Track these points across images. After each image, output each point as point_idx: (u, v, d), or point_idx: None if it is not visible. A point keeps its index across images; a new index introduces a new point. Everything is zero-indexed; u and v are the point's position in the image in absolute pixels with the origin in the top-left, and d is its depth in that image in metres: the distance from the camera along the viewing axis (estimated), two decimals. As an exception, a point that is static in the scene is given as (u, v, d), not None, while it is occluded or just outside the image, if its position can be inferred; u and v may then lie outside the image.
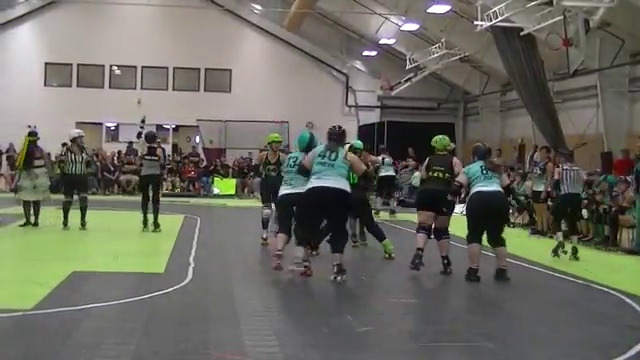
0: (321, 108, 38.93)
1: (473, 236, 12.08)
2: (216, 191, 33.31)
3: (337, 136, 12.02)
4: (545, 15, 21.28)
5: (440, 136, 13.36)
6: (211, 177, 34.48)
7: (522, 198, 21.56)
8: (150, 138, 18.18)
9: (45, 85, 38.58)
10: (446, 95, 39.46)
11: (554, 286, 12.05)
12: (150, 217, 17.43)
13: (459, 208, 16.66)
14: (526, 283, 12.26)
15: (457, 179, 12.29)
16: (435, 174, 12.61)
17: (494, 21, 22.46)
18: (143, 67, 39.11)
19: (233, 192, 32.92)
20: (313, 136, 13.05)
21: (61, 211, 17.39)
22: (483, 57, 30.39)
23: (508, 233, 18.94)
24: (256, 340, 7.53)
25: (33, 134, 17.91)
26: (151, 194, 17.47)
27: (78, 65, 38.77)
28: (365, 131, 38.40)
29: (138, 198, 19.93)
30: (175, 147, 40.45)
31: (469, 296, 10.71)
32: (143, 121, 18.49)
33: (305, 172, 11.64)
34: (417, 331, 8.33)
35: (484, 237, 12.21)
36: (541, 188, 18.66)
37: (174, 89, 39.33)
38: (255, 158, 20.36)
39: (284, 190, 12.63)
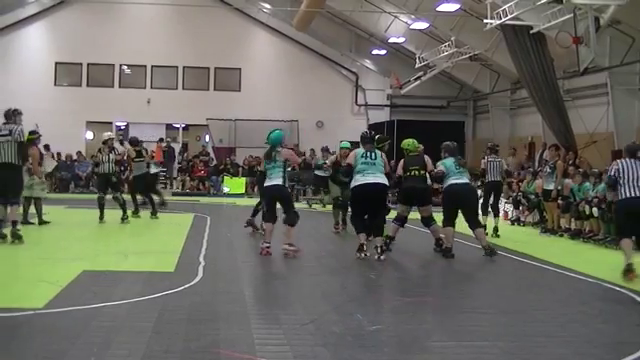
0: (330, 107, 38.98)
1: (448, 221, 14.41)
2: (226, 190, 33.33)
3: (371, 139, 14.37)
4: (555, 13, 21.20)
5: (410, 139, 15.64)
6: (221, 176, 34.52)
7: (532, 197, 21.51)
8: (135, 143, 21.57)
9: (55, 85, 38.63)
10: (456, 93, 39.38)
11: (564, 284, 12.01)
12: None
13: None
14: (536, 281, 12.26)
15: (438, 168, 14.69)
16: (412, 173, 14.83)
17: (504, 19, 22.38)
18: (153, 66, 39.14)
19: (243, 191, 32.96)
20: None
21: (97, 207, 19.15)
22: (493, 55, 30.30)
23: (518, 231, 18.99)
24: (266, 339, 7.55)
25: (33, 133, 17.85)
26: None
27: (88, 64, 38.83)
28: (375, 130, 38.31)
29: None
30: (185, 146, 40.51)
31: (479, 295, 10.70)
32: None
33: (349, 171, 13.95)
34: (427, 330, 8.32)
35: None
36: (551, 186, 18.68)
37: (184, 88, 39.35)
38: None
39: (267, 183, 14.23)
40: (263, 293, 10.12)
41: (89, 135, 38.52)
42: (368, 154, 13.80)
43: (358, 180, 13.67)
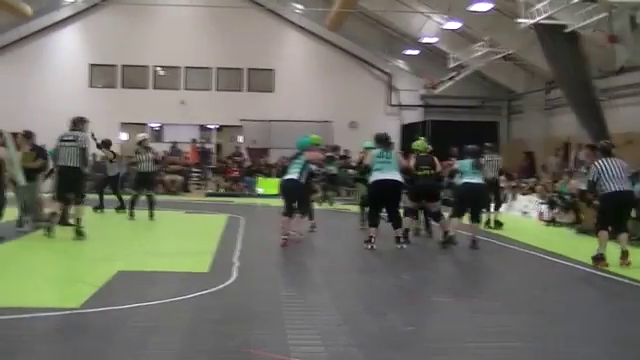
0: (364, 107, 38.96)
1: (456, 213, 15.91)
2: (260, 191, 33.43)
3: (386, 140, 15.81)
4: (590, 12, 21.04)
5: (420, 140, 17.15)
6: (255, 177, 34.61)
7: (568, 197, 21.39)
8: (110, 144, 22.66)
9: (90, 86, 38.92)
10: (489, 93, 39.20)
11: (597, 285, 11.97)
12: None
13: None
14: (569, 282, 12.22)
15: (454, 167, 16.74)
16: (423, 172, 16.09)
17: (537, 19, 22.24)
18: (186, 68, 39.33)
19: (277, 192, 32.95)
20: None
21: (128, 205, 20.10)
22: (527, 55, 30.13)
23: (554, 232, 18.88)
24: (300, 339, 7.56)
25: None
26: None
27: (122, 66, 39.10)
28: (408, 130, 38.30)
29: (183, 198, 20.37)
30: (218, 147, 40.66)
31: (511, 295, 10.65)
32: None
33: (367, 171, 15.56)
34: (460, 330, 8.30)
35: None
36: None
37: (217, 89, 39.48)
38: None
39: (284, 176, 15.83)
40: (297, 293, 10.13)
41: (123, 136, 38.77)
42: (384, 153, 15.26)
43: (375, 176, 15.05)
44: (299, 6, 38.37)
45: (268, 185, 33.12)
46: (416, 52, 38.10)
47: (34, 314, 8.28)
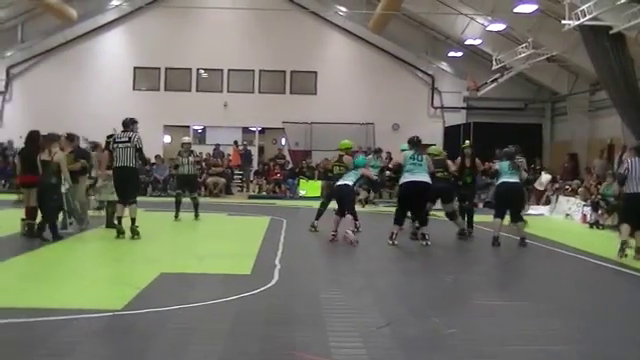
0: (406, 110, 38.89)
1: (498, 214, 16.57)
2: (302, 193, 33.45)
3: (419, 143, 16.60)
4: (635, 13, 20.82)
5: (434, 146, 19.22)
6: (297, 179, 34.65)
7: (611, 199, 21.19)
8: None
9: (134, 89, 39.25)
10: (533, 95, 38.96)
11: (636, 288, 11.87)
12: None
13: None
14: (612, 285, 12.13)
15: (494, 167, 17.58)
16: (438, 174, 17.01)
17: (582, 20, 22.06)
18: (229, 70, 39.50)
19: (319, 194, 32.95)
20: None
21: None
22: (571, 56, 29.85)
23: (597, 234, 18.70)
24: (341, 341, 7.55)
25: (110, 136, 18.28)
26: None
27: (166, 69, 39.39)
28: (451, 132, 38.17)
29: (225, 200, 20.40)
30: (261, 149, 40.79)
31: (554, 298, 10.55)
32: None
33: (399, 169, 16.49)
34: (503, 334, 8.24)
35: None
36: (631, 189, 18.30)
37: (260, 92, 39.61)
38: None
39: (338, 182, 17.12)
40: (339, 296, 10.11)
41: (167, 139, 39.04)
42: (416, 156, 16.10)
43: (406, 177, 15.99)
44: (342, 8, 38.37)
45: (310, 187, 33.16)
46: (459, 54, 37.97)
47: (78, 315, 8.35)
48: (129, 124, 16.54)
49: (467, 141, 19.70)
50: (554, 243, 17.13)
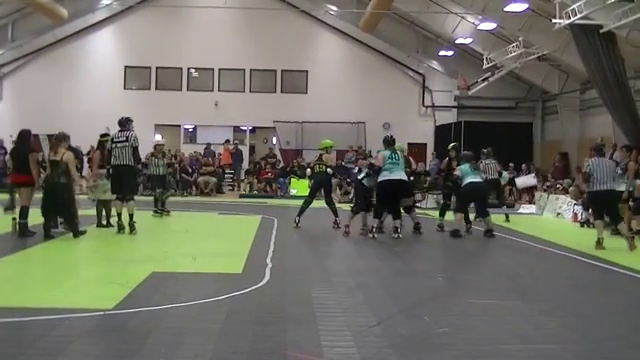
0: (397, 108, 38.96)
1: (460, 209, 18.56)
2: (293, 192, 33.44)
3: (393, 142, 18.08)
4: (626, 12, 20.86)
5: (399, 144, 19.22)
6: (288, 178, 34.66)
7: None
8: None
9: (125, 88, 39.23)
10: (524, 94, 39.05)
11: (636, 287, 11.90)
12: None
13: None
14: (605, 284, 12.14)
15: (456, 172, 18.74)
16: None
17: (573, 19, 22.11)
18: (220, 69, 39.52)
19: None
20: None
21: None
22: (562, 55, 29.92)
23: (588, 233, 18.76)
24: (333, 340, 7.55)
25: (104, 135, 18.38)
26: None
27: (157, 68, 39.39)
28: (442, 131, 38.22)
29: (216, 199, 20.39)
30: (252, 148, 40.79)
31: (547, 297, 10.56)
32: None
33: (379, 171, 17.41)
34: (495, 333, 8.24)
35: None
36: (622, 188, 18.36)
37: (251, 91, 39.66)
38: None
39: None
40: (330, 295, 10.11)
41: (158, 138, 39.04)
42: (393, 156, 17.46)
43: (385, 176, 17.26)
44: (333, 7, 38.39)
45: (301, 186, 33.09)
46: (450, 53, 38.06)
47: (69, 315, 8.33)
48: (125, 123, 16.97)
49: (453, 143, 21.36)
50: (545, 242, 17.17)
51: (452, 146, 20.84)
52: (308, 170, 21.61)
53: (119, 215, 16.71)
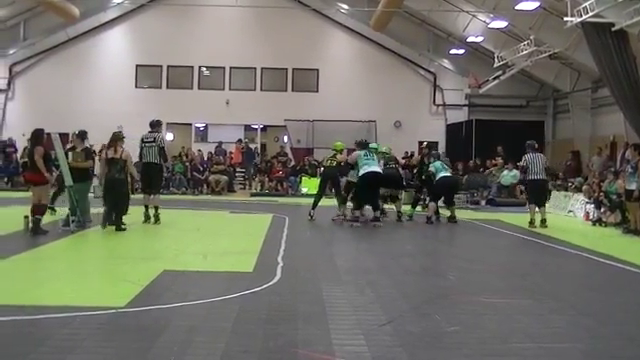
0: (408, 107, 38.92)
1: (434, 199, 21.33)
2: (304, 190, 33.44)
3: (367, 145, 20.92)
4: (638, 10, 20.81)
5: (378, 144, 23.53)
6: (299, 176, 34.65)
7: (614, 197, 21.17)
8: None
9: (136, 87, 39.30)
10: (535, 93, 38.97)
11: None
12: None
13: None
14: (616, 283, 12.09)
15: (430, 169, 21.47)
16: (391, 166, 21.80)
17: (584, 17, 22.06)
18: (231, 68, 39.55)
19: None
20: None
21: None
22: (573, 53, 29.86)
23: (600, 232, 18.72)
24: (344, 339, 7.55)
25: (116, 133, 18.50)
26: None
27: (168, 67, 39.43)
28: (453, 130, 38.18)
29: (228, 198, 20.34)
30: (263, 147, 40.81)
31: (558, 296, 10.54)
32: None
33: (353, 166, 20.23)
34: (505, 331, 8.23)
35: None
36: (633, 186, 18.35)
37: (262, 89, 39.68)
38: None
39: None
40: (341, 293, 10.11)
41: (169, 136, 39.10)
42: (367, 154, 20.03)
43: (366, 169, 19.52)
44: (344, 6, 38.40)
45: (312, 185, 33.08)
46: (461, 51, 38.02)
47: (81, 313, 8.36)
48: (155, 125, 18.73)
49: (426, 142, 24.19)
50: (557, 241, 17.13)
51: (426, 144, 23.83)
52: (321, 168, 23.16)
53: (146, 207, 18.48)
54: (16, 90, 38.90)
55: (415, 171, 23.97)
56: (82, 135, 17.84)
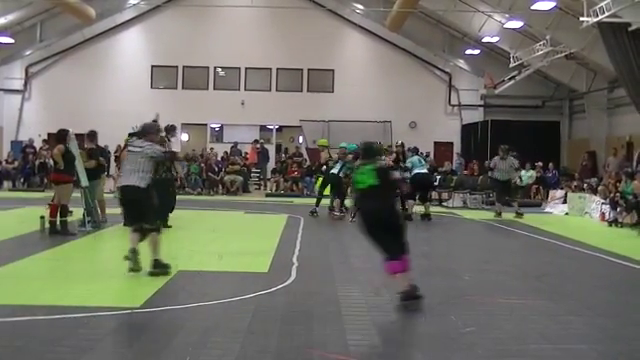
0: (424, 107, 38.88)
1: (410, 197, 20.64)
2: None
3: (417, 149, 23.07)
4: (655, 9, 20.77)
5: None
6: (314, 177, 34.60)
7: (630, 197, 21.08)
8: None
9: (152, 87, 39.38)
10: (551, 93, 38.84)
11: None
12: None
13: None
14: (633, 283, 12.06)
15: (407, 163, 21.75)
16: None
17: (601, 17, 21.98)
18: (247, 68, 39.59)
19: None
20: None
21: None
22: (589, 54, 29.74)
23: (616, 233, 18.65)
24: (359, 339, 7.56)
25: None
26: None
27: (183, 67, 39.51)
28: (468, 130, 38.11)
29: (243, 198, 20.33)
30: (279, 147, 40.82)
31: (574, 297, 10.52)
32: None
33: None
34: (522, 332, 8.21)
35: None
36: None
37: (277, 90, 39.69)
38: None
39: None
40: (356, 293, 10.11)
41: (184, 137, 39.16)
42: (420, 159, 21.62)
43: (415, 171, 21.03)
44: (359, 6, 38.37)
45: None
46: (477, 52, 37.94)
47: (97, 313, 8.40)
48: (170, 130, 18.11)
49: (400, 141, 24.10)
50: (573, 241, 17.06)
51: (401, 143, 23.67)
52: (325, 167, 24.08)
53: None
54: (32, 91, 39.06)
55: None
56: (91, 135, 17.88)
